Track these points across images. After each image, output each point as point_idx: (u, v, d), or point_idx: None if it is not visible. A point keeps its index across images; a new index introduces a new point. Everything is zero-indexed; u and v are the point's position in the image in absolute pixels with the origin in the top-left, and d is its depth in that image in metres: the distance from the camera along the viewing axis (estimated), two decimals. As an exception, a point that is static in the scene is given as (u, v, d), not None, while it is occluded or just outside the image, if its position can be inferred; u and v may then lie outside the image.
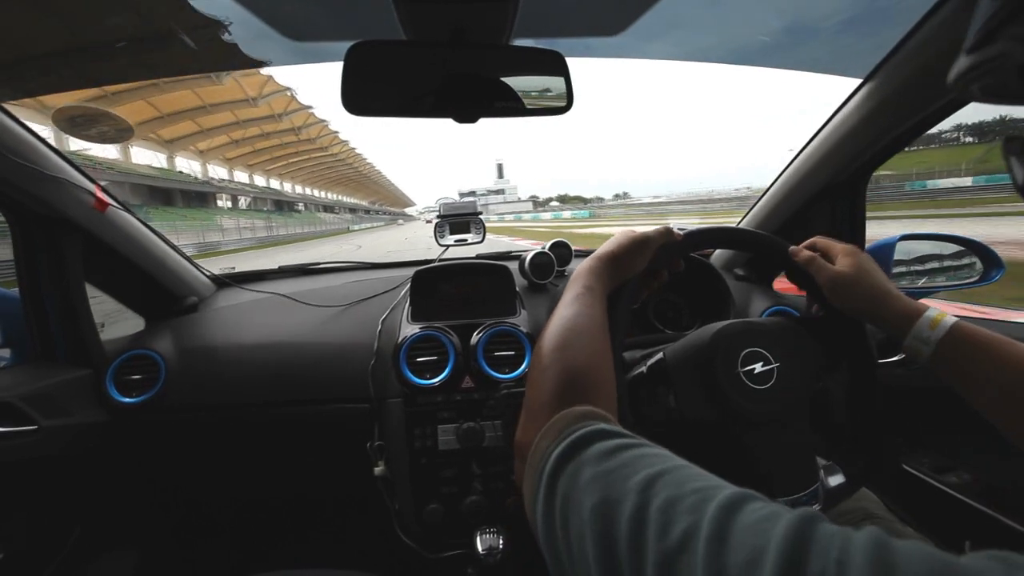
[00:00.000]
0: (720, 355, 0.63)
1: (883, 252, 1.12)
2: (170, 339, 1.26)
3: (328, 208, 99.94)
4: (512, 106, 0.85)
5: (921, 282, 1.17)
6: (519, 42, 0.84)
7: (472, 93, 0.83)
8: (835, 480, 0.63)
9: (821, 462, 0.66)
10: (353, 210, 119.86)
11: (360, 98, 0.79)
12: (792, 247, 0.73)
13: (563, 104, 0.87)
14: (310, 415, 1.22)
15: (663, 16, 0.99)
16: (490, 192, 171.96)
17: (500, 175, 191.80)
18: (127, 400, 1.15)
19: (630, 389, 0.68)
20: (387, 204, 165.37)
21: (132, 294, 1.35)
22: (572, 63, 0.84)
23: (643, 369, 0.70)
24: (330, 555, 1.50)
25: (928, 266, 1.17)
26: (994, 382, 0.55)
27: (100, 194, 1.09)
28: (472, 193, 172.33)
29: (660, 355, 0.68)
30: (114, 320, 1.38)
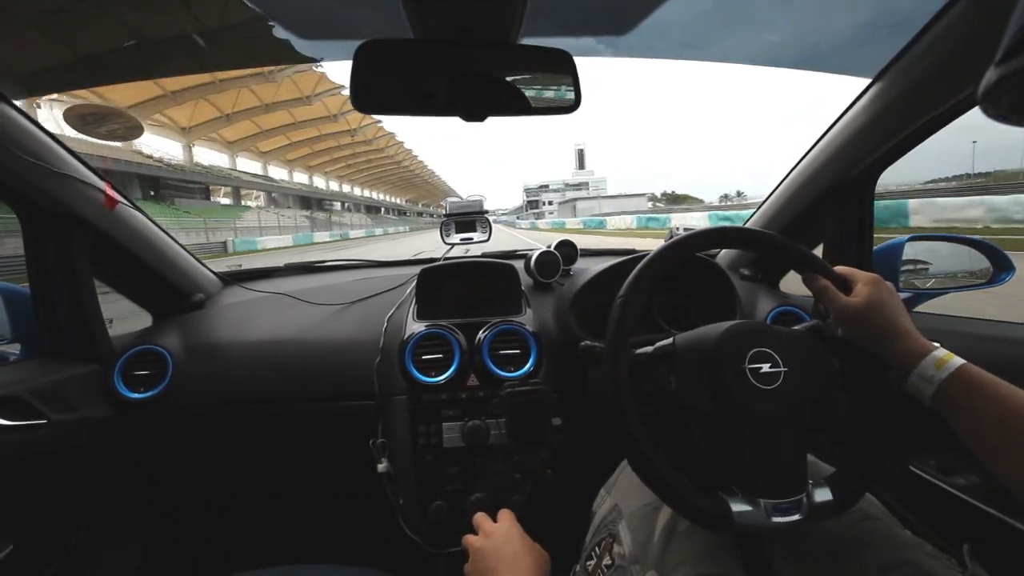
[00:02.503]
0: (729, 348, 0.63)
1: (891, 253, 1.11)
2: (177, 336, 1.27)
3: (324, 203, 63.82)
4: (520, 105, 0.86)
5: (929, 283, 1.16)
6: (527, 41, 0.84)
7: (480, 91, 0.84)
8: (822, 496, 0.62)
9: (818, 471, 0.66)
10: (377, 209, 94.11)
11: (369, 96, 0.80)
12: (808, 274, 0.72)
13: (571, 103, 0.87)
14: (315, 412, 1.23)
15: (670, 16, 1.00)
16: (568, 186, 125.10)
17: (581, 165, 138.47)
18: (134, 395, 1.16)
19: (631, 370, 0.68)
20: (436, 205, 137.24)
21: (140, 290, 1.36)
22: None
23: (649, 349, 0.70)
24: (334, 550, 1.50)
25: (937, 267, 1.17)
26: (993, 427, 0.55)
27: (110, 191, 1.11)
28: (544, 187, 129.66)
29: (670, 340, 0.69)
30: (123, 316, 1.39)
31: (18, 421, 0.93)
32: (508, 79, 0.85)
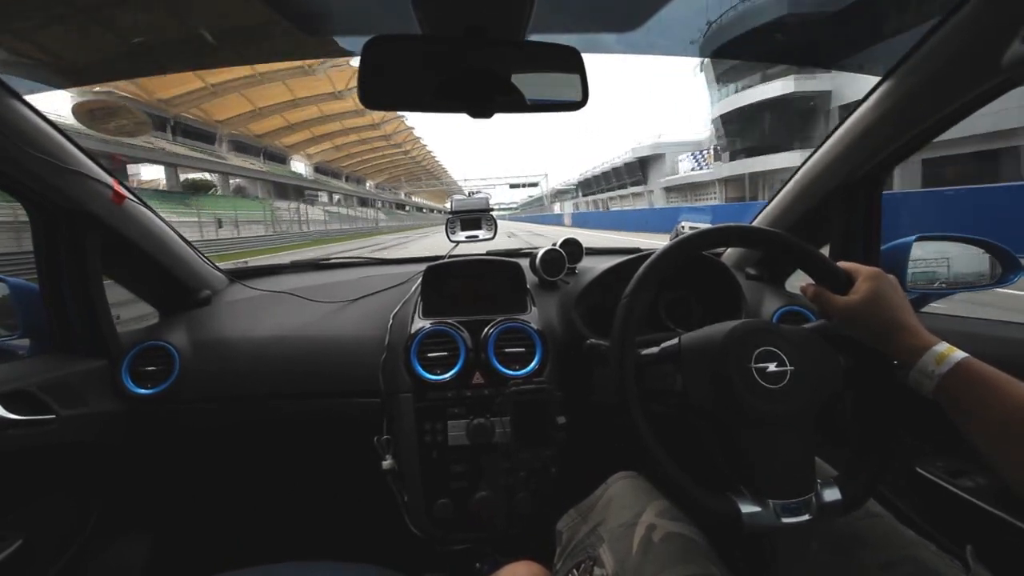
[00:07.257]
0: (735, 348, 0.63)
1: (899, 253, 1.11)
2: (184, 331, 1.28)
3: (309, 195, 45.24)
4: (527, 102, 0.85)
5: (937, 283, 1.15)
6: (535, 37, 0.84)
7: (487, 88, 0.83)
8: (831, 496, 0.62)
9: (825, 472, 0.66)
10: (373, 202, 74.78)
11: (377, 92, 0.80)
12: (802, 285, 0.72)
13: (579, 100, 0.87)
14: (320, 408, 1.23)
15: (677, 13, 0.99)
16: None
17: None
18: (142, 391, 1.16)
19: (637, 370, 0.68)
20: (431, 198, 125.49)
21: (147, 287, 1.37)
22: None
23: (655, 350, 0.70)
24: (338, 546, 1.51)
25: (945, 267, 1.16)
26: (994, 421, 0.54)
27: (118, 187, 1.11)
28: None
29: (675, 340, 0.69)
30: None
31: (27, 416, 0.94)
32: (515, 75, 0.85)
